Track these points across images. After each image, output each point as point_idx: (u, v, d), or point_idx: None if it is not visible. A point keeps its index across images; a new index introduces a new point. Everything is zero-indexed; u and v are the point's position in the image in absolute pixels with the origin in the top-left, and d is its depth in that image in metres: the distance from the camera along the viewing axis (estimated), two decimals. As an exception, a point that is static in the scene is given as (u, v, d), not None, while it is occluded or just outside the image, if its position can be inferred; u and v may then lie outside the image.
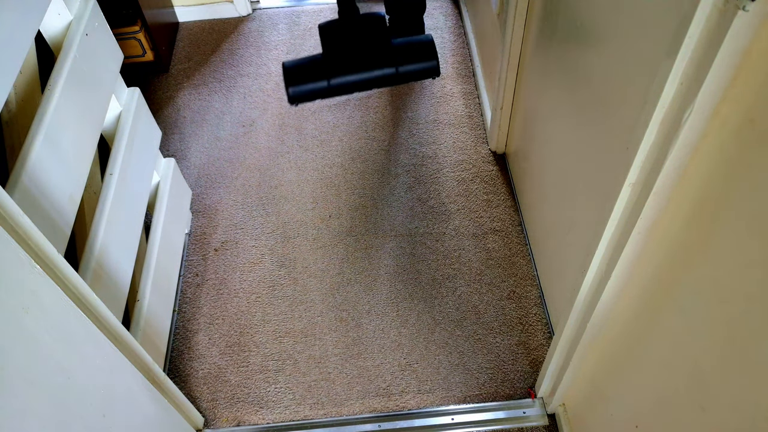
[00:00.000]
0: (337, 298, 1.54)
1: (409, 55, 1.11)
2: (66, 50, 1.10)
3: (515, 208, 1.68)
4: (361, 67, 1.11)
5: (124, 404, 0.98)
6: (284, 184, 1.79)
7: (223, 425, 1.36)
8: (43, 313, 0.76)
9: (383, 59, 1.09)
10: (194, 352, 1.47)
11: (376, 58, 1.10)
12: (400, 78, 1.12)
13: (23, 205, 0.87)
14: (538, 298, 1.50)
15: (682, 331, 0.73)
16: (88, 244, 1.10)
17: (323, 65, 1.10)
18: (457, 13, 2.28)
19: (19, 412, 0.71)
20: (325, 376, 1.41)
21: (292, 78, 1.09)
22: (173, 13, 2.29)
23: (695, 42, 0.59)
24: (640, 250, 0.81)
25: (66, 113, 1.05)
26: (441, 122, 1.92)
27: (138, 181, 1.33)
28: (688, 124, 0.63)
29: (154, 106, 2.03)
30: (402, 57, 1.10)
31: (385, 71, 1.11)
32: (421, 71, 1.13)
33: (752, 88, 0.56)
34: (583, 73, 1.05)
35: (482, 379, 1.39)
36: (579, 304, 1.00)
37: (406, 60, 1.11)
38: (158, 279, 1.37)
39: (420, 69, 1.13)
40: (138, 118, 1.37)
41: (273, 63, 2.15)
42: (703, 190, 0.66)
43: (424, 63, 1.12)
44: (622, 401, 0.95)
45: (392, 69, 1.11)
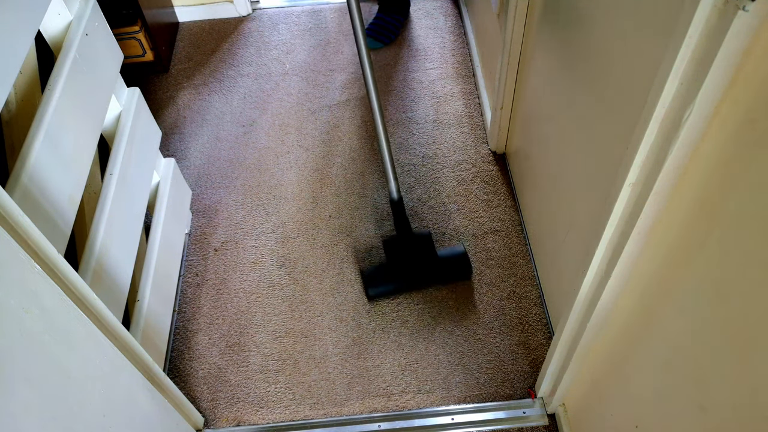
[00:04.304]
0: (337, 298, 1.54)
1: (451, 267, 1.52)
2: (66, 50, 1.10)
3: (515, 208, 1.68)
4: (418, 274, 1.51)
5: (124, 404, 0.98)
6: (284, 184, 1.79)
7: (223, 425, 1.36)
8: (43, 313, 0.76)
9: (433, 269, 1.51)
10: (194, 352, 1.47)
11: (428, 268, 1.51)
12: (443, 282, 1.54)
13: (23, 205, 0.87)
14: (538, 298, 1.50)
15: (682, 331, 0.73)
16: (88, 244, 1.10)
17: (390, 273, 1.52)
18: (457, 13, 2.28)
19: (19, 412, 0.71)
20: (325, 376, 1.41)
21: (370, 282, 1.51)
22: (173, 13, 2.29)
23: (695, 42, 0.59)
24: (640, 250, 0.81)
25: (66, 113, 1.05)
26: (441, 122, 1.92)
27: (138, 181, 1.33)
28: (688, 124, 0.63)
29: (154, 106, 2.03)
30: (447, 269, 1.52)
31: (434, 279, 1.53)
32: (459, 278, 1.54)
33: (752, 88, 0.56)
34: (583, 73, 1.05)
35: (482, 379, 1.39)
36: (579, 304, 1.00)
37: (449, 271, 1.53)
38: (158, 279, 1.37)
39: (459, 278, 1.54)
40: (138, 118, 1.37)
41: (273, 63, 2.15)
42: (703, 190, 0.66)
43: (462, 274, 1.53)
44: (622, 401, 0.95)
45: (440, 279, 1.53)
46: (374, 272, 1.52)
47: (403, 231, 1.52)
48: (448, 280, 1.53)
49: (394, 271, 1.51)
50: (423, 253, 1.51)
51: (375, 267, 1.54)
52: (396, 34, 2.20)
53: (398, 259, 1.52)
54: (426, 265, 1.51)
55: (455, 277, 1.53)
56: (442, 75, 2.06)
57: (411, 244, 1.52)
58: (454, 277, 1.53)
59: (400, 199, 1.49)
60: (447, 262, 1.51)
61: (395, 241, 1.54)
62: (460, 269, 1.51)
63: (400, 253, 1.52)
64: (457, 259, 1.51)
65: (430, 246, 1.52)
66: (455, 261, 1.51)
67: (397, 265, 1.52)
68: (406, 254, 1.52)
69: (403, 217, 1.51)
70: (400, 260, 1.52)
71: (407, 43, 2.18)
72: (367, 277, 1.52)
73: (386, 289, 1.50)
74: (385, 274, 1.51)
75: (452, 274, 1.52)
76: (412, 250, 1.52)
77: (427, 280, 1.52)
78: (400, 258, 1.52)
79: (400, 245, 1.53)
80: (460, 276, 1.52)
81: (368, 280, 1.51)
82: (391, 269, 1.51)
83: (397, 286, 1.51)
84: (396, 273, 1.51)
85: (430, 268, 1.51)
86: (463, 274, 1.52)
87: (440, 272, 1.51)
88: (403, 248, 1.53)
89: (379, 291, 1.50)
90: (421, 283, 1.52)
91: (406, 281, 1.51)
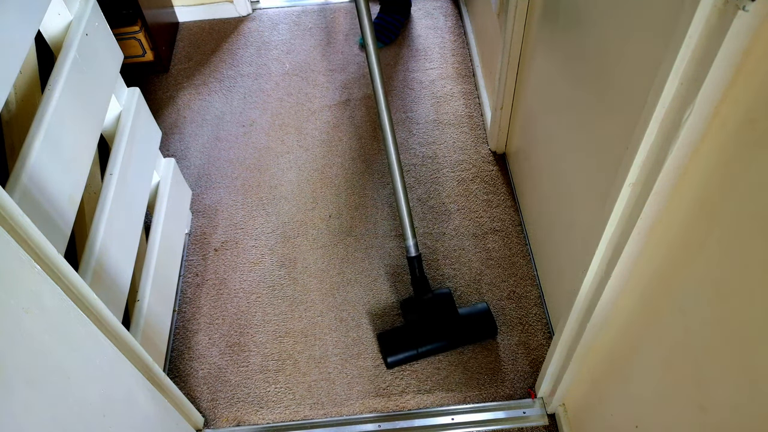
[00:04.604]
0: (337, 298, 1.54)
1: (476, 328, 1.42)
2: (66, 50, 1.10)
3: (515, 208, 1.68)
4: (440, 337, 1.41)
5: (124, 404, 0.98)
6: (284, 184, 1.79)
7: (223, 425, 1.36)
8: (43, 313, 0.76)
9: (456, 331, 1.41)
10: (194, 352, 1.47)
11: (450, 330, 1.41)
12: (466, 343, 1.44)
13: (23, 205, 0.87)
14: (538, 298, 1.50)
15: (682, 331, 0.73)
16: (88, 244, 1.10)
17: (410, 337, 1.40)
18: (457, 13, 2.28)
19: (19, 412, 0.71)
20: (325, 376, 1.41)
21: (388, 350, 1.40)
22: (173, 13, 2.29)
23: (695, 42, 0.59)
24: (640, 250, 0.81)
25: (66, 113, 1.05)
26: (441, 122, 1.92)
27: (138, 181, 1.33)
28: (688, 124, 0.63)
29: (154, 106, 2.03)
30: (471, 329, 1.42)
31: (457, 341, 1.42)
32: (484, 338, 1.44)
33: (752, 88, 0.56)
34: (583, 73, 1.05)
35: (482, 379, 1.39)
36: (579, 304, 1.00)
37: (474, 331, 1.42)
38: (158, 279, 1.37)
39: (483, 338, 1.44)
40: (138, 118, 1.37)
41: (273, 63, 2.15)
42: (703, 190, 0.66)
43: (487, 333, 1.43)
44: (622, 401, 0.95)
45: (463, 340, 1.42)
46: (393, 338, 1.41)
47: (421, 291, 1.43)
48: (471, 341, 1.43)
49: (413, 335, 1.40)
50: (443, 314, 1.41)
51: (393, 330, 1.43)
52: (396, 34, 2.20)
53: (417, 322, 1.41)
54: (447, 328, 1.41)
55: (479, 338, 1.43)
56: (442, 75, 2.06)
57: (430, 305, 1.42)
58: (478, 338, 1.43)
59: (419, 256, 1.41)
60: (470, 323, 1.42)
61: (414, 303, 1.44)
62: (484, 329, 1.42)
63: (420, 316, 1.42)
64: (480, 319, 1.42)
65: (451, 305, 1.42)
66: (478, 320, 1.42)
67: (416, 329, 1.41)
68: (426, 317, 1.41)
69: (422, 276, 1.43)
70: (420, 323, 1.41)
71: (407, 43, 2.18)
72: (385, 343, 1.41)
73: (405, 356, 1.39)
74: (404, 339, 1.40)
75: (476, 335, 1.42)
76: (432, 312, 1.41)
77: (449, 344, 1.41)
78: (419, 321, 1.41)
79: (419, 307, 1.43)
80: (484, 336, 1.43)
81: (387, 347, 1.40)
82: (411, 333, 1.41)
83: (417, 352, 1.39)
84: (416, 337, 1.40)
85: (452, 331, 1.41)
86: (487, 333, 1.43)
87: (463, 335, 1.41)
88: (422, 310, 1.42)
89: (398, 359, 1.39)
90: (443, 348, 1.41)
91: (426, 346, 1.40)
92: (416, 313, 1.42)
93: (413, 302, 1.44)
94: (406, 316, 1.43)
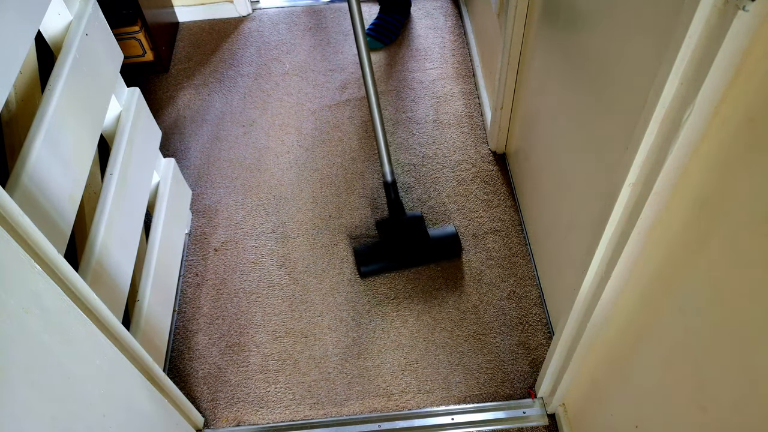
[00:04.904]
0: (337, 298, 1.54)
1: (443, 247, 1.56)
2: (66, 50, 1.10)
3: (515, 208, 1.68)
4: (410, 253, 1.55)
5: (124, 404, 0.98)
6: (284, 184, 1.79)
7: (223, 425, 1.36)
8: (43, 313, 0.76)
9: (424, 248, 1.56)
10: (194, 352, 1.47)
11: (419, 247, 1.56)
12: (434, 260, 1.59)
13: (23, 205, 0.87)
14: (538, 298, 1.50)
15: (682, 331, 0.73)
16: (88, 244, 1.10)
17: (382, 252, 1.55)
18: (457, 13, 2.28)
19: (19, 412, 0.71)
20: (325, 376, 1.41)
21: (362, 260, 1.54)
22: (173, 13, 2.29)
23: (695, 42, 0.59)
24: (640, 250, 0.81)
25: (66, 113, 1.05)
26: (441, 122, 1.92)
27: (138, 181, 1.33)
28: (688, 124, 0.63)
29: (154, 106, 2.03)
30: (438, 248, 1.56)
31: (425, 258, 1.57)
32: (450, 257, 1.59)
33: (752, 88, 0.56)
34: (583, 73, 1.05)
35: (482, 379, 1.39)
36: (579, 304, 1.00)
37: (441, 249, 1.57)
38: (158, 279, 1.37)
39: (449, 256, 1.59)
40: (138, 118, 1.37)
41: (273, 63, 2.15)
42: (703, 190, 0.66)
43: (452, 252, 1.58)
44: (622, 401, 0.95)
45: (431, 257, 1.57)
46: (367, 251, 1.56)
47: (396, 212, 1.57)
48: (439, 258, 1.57)
49: (386, 250, 1.55)
50: (415, 233, 1.56)
51: (368, 245, 1.57)
52: (396, 34, 2.20)
53: (391, 239, 1.56)
54: (417, 244, 1.55)
55: (446, 255, 1.57)
56: (442, 75, 2.06)
57: (403, 224, 1.57)
58: (445, 256, 1.57)
59: (393, 182, 1.55)
60: (438, 242, 1.56)
61: (388, 222, 1.58)
62: (450, 248, 1.56)
63: (393, 233, 1.56)
64: (447, 239, 1.56)
65: (422, 227, 1.57)
66: (446, 240, 1.56)
67: (389, 245, 1.56)
68: (399, 234, 1.56)
69: (397, 199, 1.56)
70: (393, 240, 1.56)
71: (407, 43, 2.18)
72: (360, 255, 1.55)
73: (378, 266, 1.54)
74: (377, 252, 1.55)
75: (443, 253, 1.57)
76: (405, 230, 1.56)
77: (419, 259, 1.56)
78: (392, 238, 1.56)
79: (393, 226, 1.57)
80: (450, 255, 1.57)
81: (361, 258, 1.55)
82: (384, 248, 1.56)
83: (389, 264, 1.55)
84: (388, 252, 1.55)
85: (421, 247, 1.55)
86: (453, 252, 1.57)
87: (431, 251, 1.56)
88: (395, 229, 1.57)
89: (371, 269, 1.54)
90: (413, 262, 1.56)
91: (397, 259, 1.55)
92: (390, 232, 1.57)
93: (388, 222, 1.58)
94: (381, 234, 1.58)
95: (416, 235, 1.55)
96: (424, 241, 1.55)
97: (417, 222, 1.57)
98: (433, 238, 1.56)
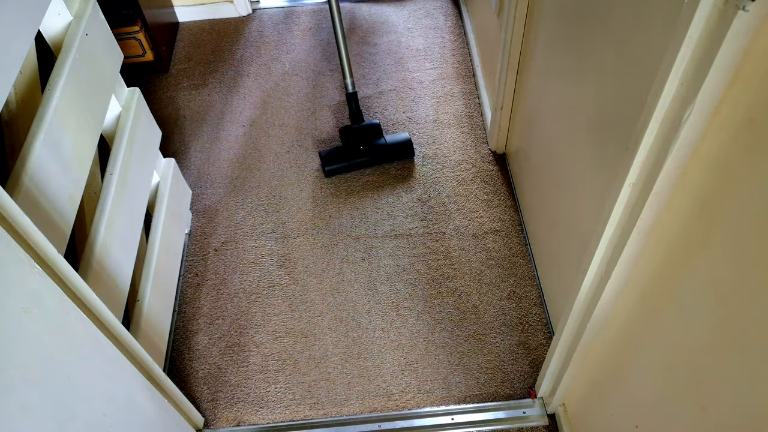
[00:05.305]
0: (337, 298, 1.54)
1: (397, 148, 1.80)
2: (66, 50, 1.10)
3: (515, 208, 1.68)
4: (368, 154, 1.79)
5: (124, 404, 0.98)
6: (284, 184, 1.79)
7: (223, 425, 1.36)
8: (43, 313, 0.76)
9: (381, 150, 1.80)
10: (194, 352, 1.47)
11: (377, 149, 1.79)
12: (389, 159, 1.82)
13: (23, 205, 0.87)
14: (538, 298, 1.50)
15: (682, 331, 0.73)
16: (88, 244, 1.10)
17: (345, 153, 1.78)
18: (457, 13, 2.28)
19: (19, 412, 0.71)
20: (325, 376, 1.41)
21: (326, 161, 1.77)
22: (173, 13, 2.29)
23: (695, 42, 0.59)
24: (640, 250, 0.81)
25: (66, 113, 1.05)
26: (441, 122, 1.92)
27: (138, 181, 1.33)
28: (688, 124, 0.63)
29: (154, 106, 2.03)
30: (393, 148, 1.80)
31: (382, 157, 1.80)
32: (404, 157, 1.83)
33: (752, 88, 0.56)
34: (583, 73, 1.05)
35: (482, 379, 1.39)
36: (579, 304, 1.00)
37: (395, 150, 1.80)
38: (158, 279, 1.37)
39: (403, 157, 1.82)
40: (138, 118, 1.37)
41: (273, 63, 2.15)
42: (703, 190, 0.66)
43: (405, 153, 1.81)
44: (622, 401, 0.95)
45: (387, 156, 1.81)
46: (331, 153, 1.78)
47: (356, 120, 1.80)
48: (394, 158, 1.80)
49: (347, 152, 1.77)
50: (372, 138, 1.79)
51: (332, 149, 1.79)
52: None
53: (351, 143, 1.78)
54: (375, 147, 1.78)
55: (400, 156, 1.80)
56: (442, 75, 2.06)
57: (362, 130, 1.79)
58: (399, 156, 1.80)
59: (354, 93, 1.78)
60: (393, 144, 1.79)
61: (349, 129, 1.79)
62: (403, 150, 1.79)
63: (354, 138, 1.78)
64: (402, 143, 1.79)
65: (379, 132, 1.80)
66: (400, 143, 1.79)
67: (349, 148, 1.78)
68: (359, 138, 1.78)
69: (357, 108, 1.79)
70: (353, 143, 1.78)
71: (407, 43, 2.18)
72: (325, 157, 1.77)
73: (341, 166, 1.77)
74: (340, 154, 1.77)
75: (398, 153, 1.79)
76: (364, 135, 1.78)
77: (376, 159, 1.78)
78: (353, 142, 1.78)
79: (353, 132, 1.79)
80: (403, 155, 1.80)
81: (326, 160, 1.76)
82: (345, 151, 1.78)
83: (351, 163, 1.77)
84: (349, 153, 1.77)
85: (378, 149, 1.78)
86: (406, 153, 1.79)
87: (387, 153, 1.78)
88: (355, 134, 1.78)
89: (334, 168, 1.76)
90: (370, 162, 1.79)
91: (357, 159, 1.77)
92: (350, 137, 1.79)
93: (349, 129, 1.80)
94: (343, 139, 1.79)
95: (373, 140, 1.78)
96: (381, 145, 1.78)
97: (374, 128, 1.80)
98: (389, 141, 1.79)
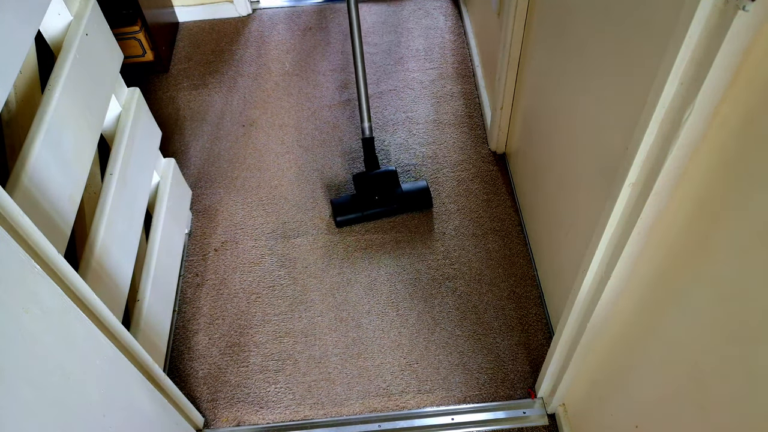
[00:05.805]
0: (337, 298, 1.54)
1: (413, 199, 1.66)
2: (66, 50, 1.10)
3: (515, 208, 1.68)
4: (383, 204, 1.66)
5: (124, 404, 0.98)
6: (284, 184, 1.79)
7: (223, 425, 1.36)
8: (43, 313, 0.76)
9: (397, 201, 1.66)
10: (194, 352, 1.47)
11: (392, 200, 1.66)
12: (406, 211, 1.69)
13: (23, 205, 0.87)
14: (538, 298, 1.50)
15: (682, 331, 0.73)
16: (88, 244, 1.10)
17: (358, 203, 1.66)
18: (457, 13, 2.28)
19: (19, 412, 0.71)
20: (325, 376, 1.41)
21: (338, 211, 1.65)
22: (173, 13, 2.29)
23: (695, 42, 0.59)
24: (640, 250, 0.81)
25: (66, 113, 1.05)
26: (441, 122, 1.92)
27: (138, 181, 1.33)
28: (688, 124, 0.63)
29: (154, 106, 2.03)
30: (409, 200, 1.66)
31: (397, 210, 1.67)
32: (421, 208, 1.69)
33: (752, 88, 0.56)
34: (583, 73, 1.05)
35: (482, 379, 1.39)
36: (579, 304, 1.00)
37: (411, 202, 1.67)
38: (158, 279, 1.37)
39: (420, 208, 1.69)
40: (138, 118, 1.37)
41: (273, 63, 2.15)
42: (703, 190, 0.66)
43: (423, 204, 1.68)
44: (622, 401, 0.95)
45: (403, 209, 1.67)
46: (343, 202, 1.66)
47: (371, 167, 1.69)
48: (410, 210, 1.68)
49: (360, 201, 1.65)
50: (388, 186, 1.66)
51: (344, 197, 1.68)
52: None
53: (366, 191, 1.66)
54: (390, 197, 1.65)
55: (417, 207, 1.67)
56: (442, 75, 2.06)
57: (377, 178, 1.67)
58: (416, 208, 1.67)
59: (371, 138, 1.66)
60: (410, 194, 1.66)
61: (364, 176, 1.68)
62: (421, 201, 1.66)
63: (368, 186, 1.66)
64: (419, 193, 1.66)
65: (395, 180, 1.67)
66: (417, 194, 1.66)
67: (363, 197, 1.65)
68: (373, 187, 1.66)
69: (373, 155, 1.68)
70: (368, 192, 1.66)
71: (407, 43, 2.18)
72: (337, 206, 1.66)
73: (353, 217, 1.65)
74: (353, 203, 1.65)
75: (414, 204, 1.66)
76: (379, 183, 1.66)
77: (391, 210, 1.66)
78: (367, 190, 1.66)
79: (368, 180, 1.67)
80: (421, 207, 1.67)
81: (337, 210, 1.65)
82: (359, 200, 1.66)
83: (363, 214, 1.65)
84: (362, 203, 1.65)
85: (394, 200, 1.65)
86: (424, 205, 1.66)
87: (403, 204, 1.66)
88: (370, 182, 1.67)
89: (346, 218, 1.65)
90: (385, 213, 1.66)
91: (370, 210, 1.65)
92: (365, 185, 1.67)
93: (363, 176, 1.68)
94: (357, 186, 1.67)
95: (389, 189, 1.65)
96: (397, 195, 1.65)
97: (390, 176, 1.67)
98: (405, 190, 1.66)
